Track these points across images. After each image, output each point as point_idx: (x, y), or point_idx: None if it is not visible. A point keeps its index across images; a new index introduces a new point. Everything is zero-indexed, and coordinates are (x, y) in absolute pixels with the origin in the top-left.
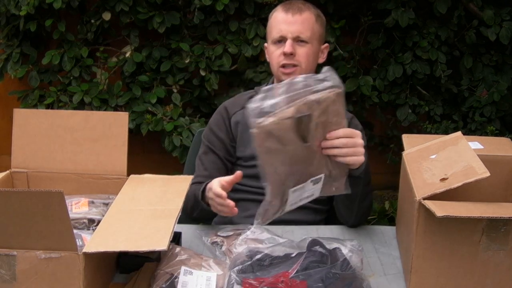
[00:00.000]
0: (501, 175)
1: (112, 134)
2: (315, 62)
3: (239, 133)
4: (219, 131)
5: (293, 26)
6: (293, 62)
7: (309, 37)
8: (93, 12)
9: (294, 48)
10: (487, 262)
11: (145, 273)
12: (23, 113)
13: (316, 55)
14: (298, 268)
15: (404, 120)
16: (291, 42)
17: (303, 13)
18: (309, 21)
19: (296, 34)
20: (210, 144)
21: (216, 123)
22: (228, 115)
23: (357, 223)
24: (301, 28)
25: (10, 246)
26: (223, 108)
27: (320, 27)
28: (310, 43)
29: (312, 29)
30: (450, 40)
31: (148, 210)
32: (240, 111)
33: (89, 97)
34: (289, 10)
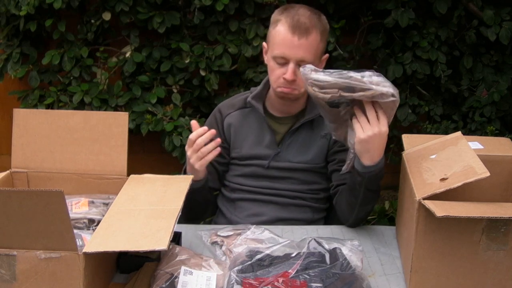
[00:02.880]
0: (501, 175)
1: (112, 134)
2: None
3: (232, 135)
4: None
5: (297, 51)
6: (293, 87)
7: (312, 61)
8: (93, 12)
9: (296, 73)
10: (487, 262)
11: (145, 273)
12: (23, 113)
13: None
14: (298, 268)
15: (404, 120)
16: (293, 68)
17: (309, 36)
18: (314, 45)
19: (300, 60)
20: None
21: (210, 126)
22: (222, 117)
23: (355, 224)
24: (306, 54)
25: (10, 246)
26: (217, 110)
27: (324, 42)
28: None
29: (316, 52)
30: (450, 40)
31: (148, 210)
32: (234, 112)
33: (89, 97)
34: (296, 31)
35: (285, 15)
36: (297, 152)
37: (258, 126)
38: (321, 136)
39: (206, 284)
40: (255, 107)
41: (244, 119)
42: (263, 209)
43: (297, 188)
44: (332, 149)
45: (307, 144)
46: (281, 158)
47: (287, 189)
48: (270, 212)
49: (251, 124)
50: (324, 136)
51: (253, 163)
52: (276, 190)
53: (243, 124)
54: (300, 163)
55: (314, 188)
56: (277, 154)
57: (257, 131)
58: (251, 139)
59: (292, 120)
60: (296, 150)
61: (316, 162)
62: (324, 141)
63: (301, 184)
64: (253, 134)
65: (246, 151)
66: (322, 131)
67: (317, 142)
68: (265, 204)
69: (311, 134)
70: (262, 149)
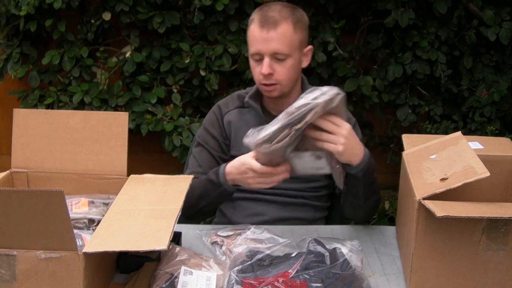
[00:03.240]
0: (501, 175)
1: (112, 134)
2: (299, 70)
3: (232, 132)
4: (213, 129)
5: (269, 44)
6: (272, 82)
7: (287, 52)
8: (93, 12)
9: (273, 67)
10: (487, 262)
11: (145, 273)
12: (23, 113)
13: (298, 63)
14: (298, 268)
15: (404, 120)
16: (268, 61)
17: (278, 27)
18: (286, 35)
19: (273, 52)
20: (204, 143)
21: (210, 122)
22: (221, 114)
23: (364, 220)
24: (277, 46)
25: (10, 246)
26: (217, 107)
27: (301, 33)
28: (290, 57)
29: (290, 42)
30: (450, 40)
31: (148, 210)
32: (233, 110)
33: (89, 97)
34: (264, 25)
35: (257, 14)
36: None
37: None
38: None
39: (206, 284)
40: (253, 107)
41: (242, 118)
42: (263, 209)
43: (298, 187)
44: None
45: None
46: None
47: (288, 188)
48: (271, 212)
49: (250, 123)
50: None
51: None
52: (277, 189)
53: (242, 123)
54: None
55: (315, 186)
56: None
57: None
58: None
59: None
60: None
61: None
62: None
63: (302, 182)
64: None
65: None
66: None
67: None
68: (265, 204)
69: None
70: None
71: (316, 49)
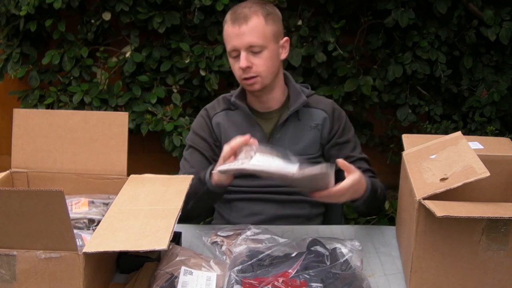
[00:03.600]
0: (501, 175)
1: (112, 134)
2: (277, 62)
3: (222, 133)
4: (202, 132)
5: (242, 38)
6: (252, 75)
7: (262, 44)
8: (93, 12)
9: (250, 60)
10: (487, 262)
11: (145, 273)
12: (23, 113)
13: (276, 55)
14: (298, 268)
15: (404, 120)
16: (245, 55)
17: (249, 21)
18: (258, 28)
19: (247, 45)
20: (195, 145)
21: (199, 125)
22: (209, 117)
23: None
24: (251, 38)
25: (10, 246)
26: (204, 110)
27: (274, 25)
28: (265, 48)
29: (263, 34)
30: (450, 40)
31: (148, 210)
32: (220, 112)
33: (89, 97)
34: (236, 21)
35: (229, 14)
36: (288, 145)
37: (246, 125)
38: (311, 127)
39: (206, 284)
40: (240, 106)
41: (230, 119)
42: (260, 208)
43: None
44: (331, 142)
45: (297, 136)
46: None
47: (282, 185)
48: (268, 210)
49: (238, 123)
50: (315, 126)
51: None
52: (272, 188)
53: (230, 124)
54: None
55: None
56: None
57: (245, 129)
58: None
59: (277, 114)
60: (286, 143)
61: (309, 153)
62: (315, 132)
63: None
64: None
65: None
66: (312, 121)
67: (307, 133)
68: (262, 203)
69: (299, 125)
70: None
71: (316, 49)
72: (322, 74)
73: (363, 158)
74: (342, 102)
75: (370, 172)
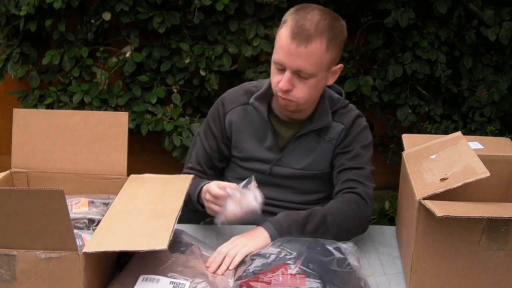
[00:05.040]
0: (501, 175)
1: (112, 134)
2: (321, 89)
3: (234, 132)
4: (214, 126)
5: (294, 60)
6: (289, 98)
7: (312, 72)
8: (93, 12)
9: (293, 83)
10: (487, 262)
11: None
12: (23, 113)
13: (322, 83)
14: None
15: (404, 120)
16: (289, 77)
17: (309, 45)
18: (316, 54)
19: (296, 69)
20: (204, 138)
21: (212, 118)
22: (224, 112)
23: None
24: (303, 64)
25: (10, 246)
26: (221, 102)
27: (333, 52)
28: (314, 76)
29: (318, 63)
30: (450, 40)
31: (148, 210)
32: (236, 108)
33: (89, 97)
34: (296, 37)
35: (292, 17)
36: (300, 158)
37: (261, 127)
38: (325, 141)
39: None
40: (258, 109)
41: (246, 116)
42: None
43: (298, 200)
44: (335, 152)
45: (311, 150)
46: (283, 163)
47: (288, 200)
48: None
49: (254, 123)
50: (329, 140)
51: (253, 168)
52: (276, 201)
53: (245, 122)
54: (303, 170)
55: (316, 198)
56: (280, 159)
57: (259, 132)
58: (253, 140)
59: (299, 125)
60: (299, 156)
61: (320, 168)
62: (328, 146)
63: (302, 194)
64: (255, 135)
65: (247, 153)
66: (328, 135)
67: (320, 147)
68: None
69: (317, 141)
70: (264, 152)
71: None
72: None
73: (357, 168)
74: None
75: (353, 182)
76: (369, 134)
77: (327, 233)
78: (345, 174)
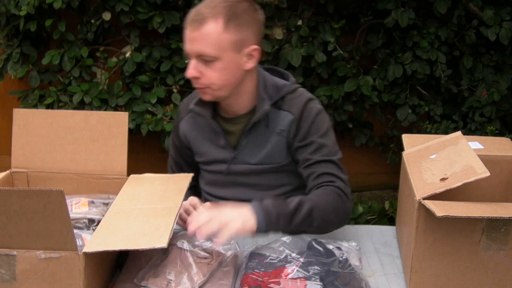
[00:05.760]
0: (501, 175)
1: (112, 134)
2: (237, 73)
3: (190, 140)
4: (175, 137)
5: (192, 45)
6: (200, 86)
7: (214, 54)
8: (93, 12)
9: (199, 70)
10: (487, 262)
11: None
12: (23, 113)
13: (234, 66)
14: (298, 267)
15: (404, 120)
16: (193, 64)
17: (203, 26)
18: (212, 36)
19: (197, 54)
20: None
21: (174, 128)
22: (178, 122)
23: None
24: (201, 47)
25: (10, 246)
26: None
27: (236, 32)
28: (218, 60)
29: (217, 44)
30: (450, 40)
31: (148, 209)
32: (186, 116)
33: (89, 97)
34: (192, 22)
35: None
36: (254, 153)
37: (211, 129)
38: (276, 133)
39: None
40: (200, 114)
41: (195, 122)
42: None
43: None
44: (293, 146)
45: (263, 143)
46: (239, 160)
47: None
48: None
49: (203, 127)
50: (280, 133)
51: (214, 169)
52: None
53: (195, 128)
54: (258, 165)
55: (282, 192)
56: (235, 157)
57: (211, 133)
58: (208, 143)
59: (246, 119)
60: (252, 151)
61: (276, 161)
62: (280, 138)
63: (266, 190)
64: (208, 138)
65: (206, 156)
66: (278, 127)
67: (272, 140)
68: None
69: (266, 133)
70: (219, 152)
71: (316, 49)
72: (322, 74)
73: (326, 160)
74: (342, 102)
75: (330, 176)
76: (324, 119)
77: (311, 226)
78: (315, 169)
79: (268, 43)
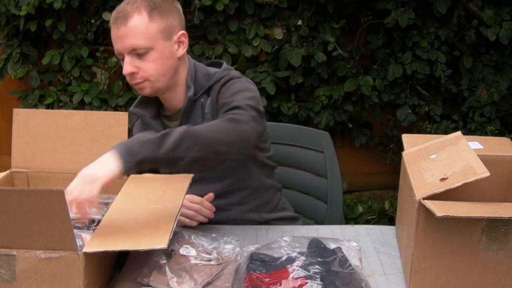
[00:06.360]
0: (501, 175)
1: (112, 134)
2: (171, 60)
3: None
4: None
5: (123, 41)
6: (139, 80)
7: (146, 45)
8: (93, 12)
9: (135, 64)
10: (487, 262)
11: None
12: (23, 113)
13: (168, 54)
14: (298, 266)
15: (404, 120)
16: (128, 60)
17: (129, 21)
18: (139, 28)
19: (130, 49)
20: None
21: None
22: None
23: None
24: (133, 40)
25: (10, 246)
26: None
27: (162, 20)
28: (151, 49)
29: (146, 35)
30: (450, 40)
31: (148, 210)
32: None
33: (89, 97)
34: (116, 21)
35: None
36: None
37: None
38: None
39: None
40: (140, 115)
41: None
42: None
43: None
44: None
45: None
46: None
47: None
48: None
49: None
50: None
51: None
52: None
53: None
54: None
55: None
56: None
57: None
58: None
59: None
60: None
61: None
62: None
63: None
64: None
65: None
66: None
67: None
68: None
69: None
70: None
71: (316, 49)
72: (322, 74)
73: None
74: (342, 102)
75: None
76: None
77: (191, 150)
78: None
79: (268, 43)
